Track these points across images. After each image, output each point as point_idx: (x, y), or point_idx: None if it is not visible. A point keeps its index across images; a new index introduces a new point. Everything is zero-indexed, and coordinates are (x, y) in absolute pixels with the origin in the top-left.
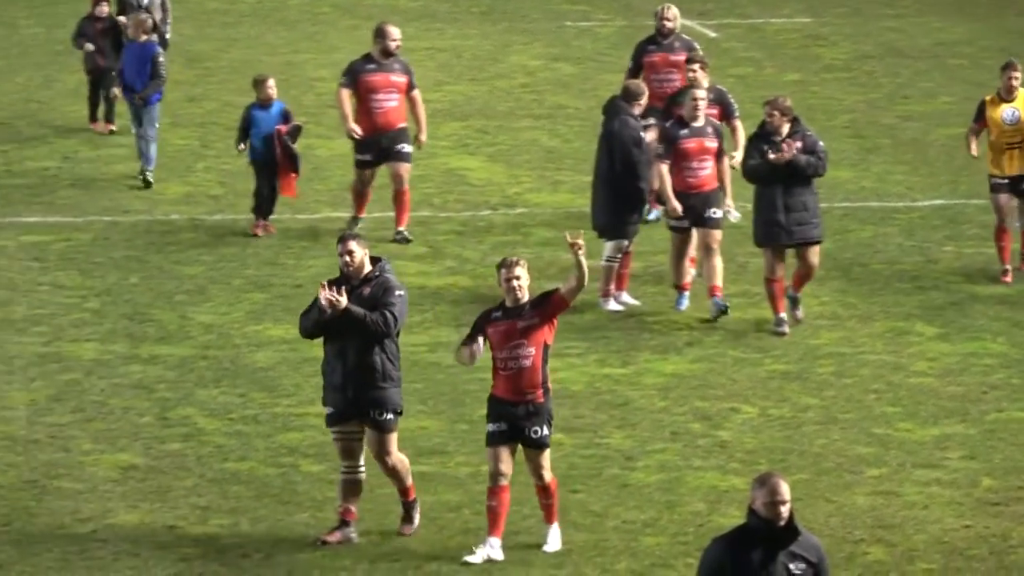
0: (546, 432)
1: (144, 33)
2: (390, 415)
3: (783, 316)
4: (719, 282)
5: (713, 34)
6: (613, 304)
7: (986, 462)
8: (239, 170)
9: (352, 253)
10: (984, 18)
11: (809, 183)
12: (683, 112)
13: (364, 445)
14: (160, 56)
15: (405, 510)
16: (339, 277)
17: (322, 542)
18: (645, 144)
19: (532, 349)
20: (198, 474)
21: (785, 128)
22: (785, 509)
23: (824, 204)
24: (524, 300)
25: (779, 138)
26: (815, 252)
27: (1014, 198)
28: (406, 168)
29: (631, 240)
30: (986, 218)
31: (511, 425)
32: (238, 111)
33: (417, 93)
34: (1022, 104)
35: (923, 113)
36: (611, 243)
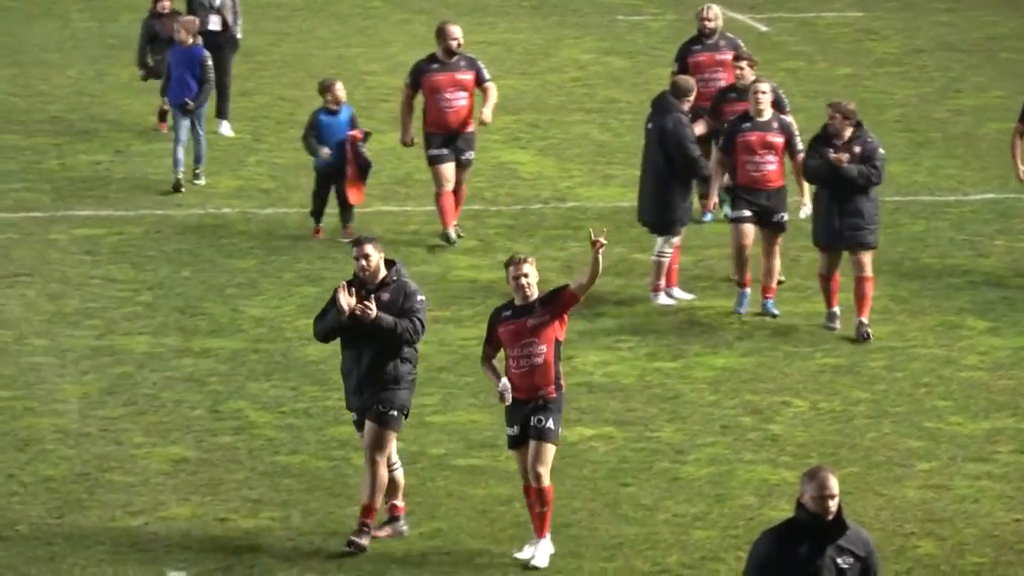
0: (550, 425)
1: (191, 36)
2: (394, 412)
3: (835, 311)
4: (774, 283)
5: (764, 28)
6: (664, 298)
7: None
8: (290, 164)
9: (368, 257)
10: None
11: (866, 190)
12: (748, 107)
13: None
14: (208, 60)
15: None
16: (354, 279)
17: (371, 537)
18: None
19: (543, 347)
20: (249, 467)
21: (848, 132)
22: (833, 503)
23: None
24: (533, 297)
25: (840, 142)
26: (866, 257)
27: None
28: (466, 173)
29: (680, 235)
30: None
31: (523, 425)
32: (290, 105)
33: (490, 85)
34: None
35: (974, 107)
36: (661, 238)
